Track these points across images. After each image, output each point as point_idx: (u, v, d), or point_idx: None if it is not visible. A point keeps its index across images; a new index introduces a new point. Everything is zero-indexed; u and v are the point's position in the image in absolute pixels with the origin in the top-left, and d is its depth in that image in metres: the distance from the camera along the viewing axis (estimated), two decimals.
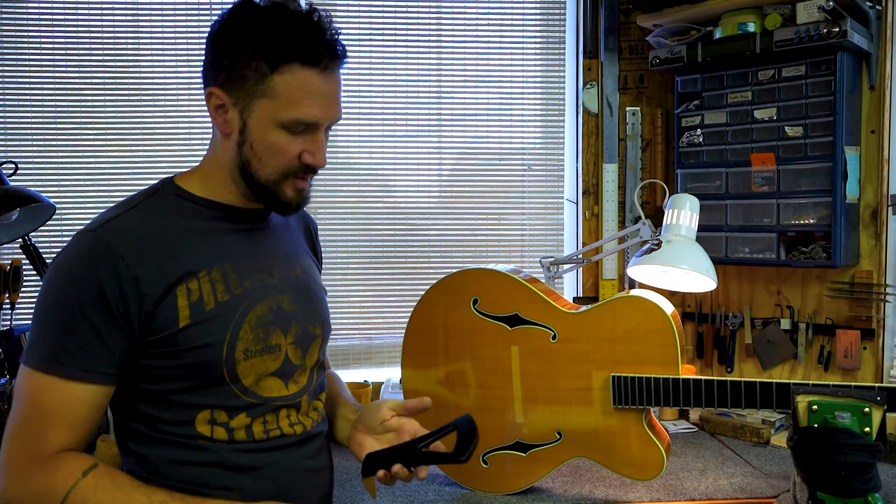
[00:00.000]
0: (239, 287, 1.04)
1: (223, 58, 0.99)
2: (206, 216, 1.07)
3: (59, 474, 0.94)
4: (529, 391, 1.50)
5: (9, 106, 2.16)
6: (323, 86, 1.00)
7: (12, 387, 1.72)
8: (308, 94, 0.99)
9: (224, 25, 1.00)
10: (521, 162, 2.32)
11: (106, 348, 0.96)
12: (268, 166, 1.03)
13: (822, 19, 1.71)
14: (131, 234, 0.99)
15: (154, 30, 2.18)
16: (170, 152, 2.20)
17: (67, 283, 0.96)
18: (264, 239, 1.13)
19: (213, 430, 1.02)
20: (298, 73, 0.98)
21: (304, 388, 1.12)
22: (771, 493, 1.51)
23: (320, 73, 0.99)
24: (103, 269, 0.95)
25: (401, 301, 2.25)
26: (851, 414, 1.19)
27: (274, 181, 1.04)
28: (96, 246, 0.97)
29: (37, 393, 0.95)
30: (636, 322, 1.42)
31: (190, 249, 1.02)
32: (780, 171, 1.86)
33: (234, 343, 1.02)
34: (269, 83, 0.98)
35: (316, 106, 1.00)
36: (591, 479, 1.59)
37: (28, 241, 1.95)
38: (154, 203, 1.05)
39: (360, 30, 2.25)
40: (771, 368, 2.05)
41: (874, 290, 1.88)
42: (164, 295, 0.98)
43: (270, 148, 1.01)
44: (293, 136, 1.02)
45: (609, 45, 2.23)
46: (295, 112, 0.99)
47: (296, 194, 1.06)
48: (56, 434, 0.95)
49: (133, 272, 0.96)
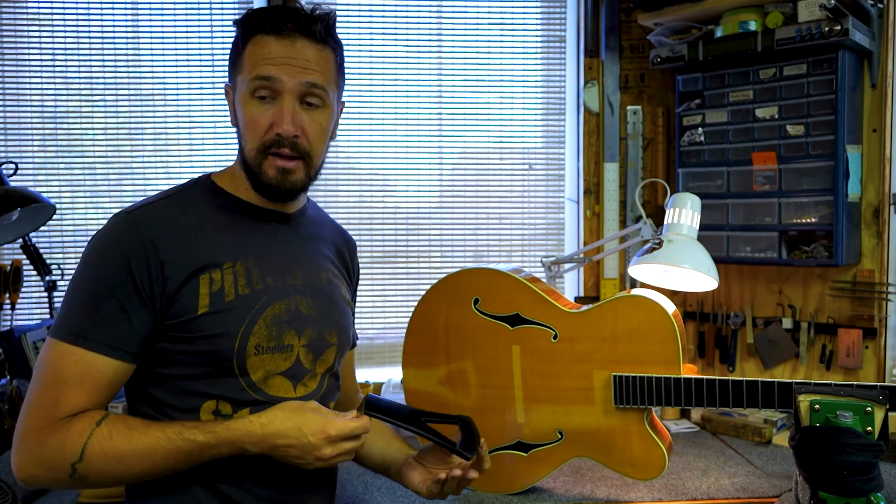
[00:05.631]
0: (260, 283, 1.07)
1: (229, 58, 1.09)
2: (233, 212, 1.11)
3: (73, 430, 0.96)
4: (530, 391, 1.49)
5: (9, 106, 2.16)
6: (282, 49, 1.03)
7: (13, 387, 1.72)
8: (266, 55, 1.03)
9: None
10: (522, 161, 2.32)
11: (130, 327, 0.99)
12: (248, 142, 1.06)
13: (824, 17, 1.71)
14: (163, 221, 1.03)
15: (154, 30, 2.18)
16: (170, 152, 2.20)
17: (99, 261, 1.00)
18: (291, 241, 1.16)
19: None
20: (260, 40, 1.04)
21: (312, 392, 1.12)
22: (773, 492, 1.51)
23: (279, 38, 1.03)
24: (133, 250, 0.99)
25: (402, 301, 2.25)
26: (853, 413, 1.18)
27: (255, 160, 1.06)
28: (129, 227, 1.01)
29: (60, 361, 0.98)
30: (637, 321, 1.41)
31: (216, 241, 1.06)
32: (781, 169, 1.86)
33: (248, 337, 1.04)
34: (242, 58, 1.06)
35: (273, 65, 1.03)
36: (592, 479, 1.58)
37: (28, 242, 1.95)
38: (188, 195, 1.10)
39: (360, 29, 2.24)
40: (773, 368, 2.04)
41: (876, 289, 1.88)
42: (186, 281, 1.01)
43: (247, 120, 1.06)
44: (263, 105, 1.04)
45: (610, 43, 2.23)
46: (252, 72, 1.04)
47: (277, 173, 1.07)
48: (72, 399, 0.97)
49: (160, 255, 1.00)
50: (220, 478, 1.04)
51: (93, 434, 0.95)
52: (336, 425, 0.98)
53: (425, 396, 1.57)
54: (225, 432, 0.98)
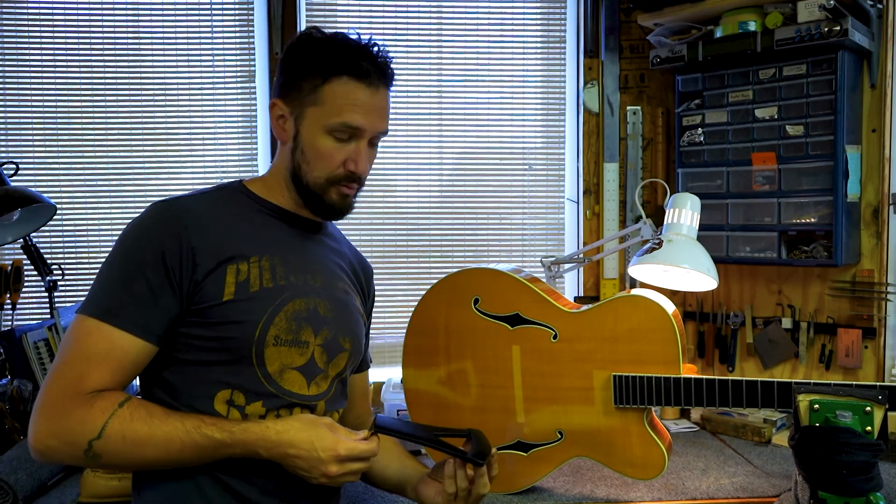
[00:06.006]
0: (284, 279, 1.12)
1: (286, 74, 1.13)
2: (263, 213, 1.17)
3: (96, 407, 0.98)
4: (530, 391, 1.50)
5: (9, 106, 2.16)
6: (368, 98, 1.11)
7: (13, 387, 1.72)
8: (353, 102, 1.10)
9: (291, 48, 1.14)
10: (521, 161, 2.32)
11: (158, 309, 1.02)
12: (315, 170, 1.13)
13: (823, 18, 1.71)
14: (197, 212, 1.09)
15: (154, 30, 2.18)
16: (170, 152, 2.20)
17: (134, 242, 1.05)
18: (314, 248, 1.22)
19: (229, 411, 1.06)
20: (346, 84, 1.10)
21: (322, 393, 1.15)
22: (772, 492, 1.51)
23: (366, 86, 1.10)
24: (167, 234, 1.04)
25: (401, 301, 2.25)
26: (853, 413, 1.18)
27: (320, 185, 1.14)
28: (165, 214, 1.07)
29: (86, 336, 1.01)
30: (637, 321, 1.42)
31: (245, 236, 1.11)
32: (781, 170, 1.86)
33: (268, 328, 1.07)
34: (320, 92, 1.10)
35: (359, 114, 1.10)
36: (592, 479, 1.58)
37: (29, 242, 1.95)
38: (221, 194, 1.16)
39: (360, 29, 2.24)
40: (772, 368, 2.05)
41: (875, 289, 1.88)
42: (214, 269, 1.05)
43: (318, 153, 1.12)
44: (339, 144, 1.12)
45: (610, 44, 2.23)
46: (339, 117, 1.10)
47: (340, 199, 1.16)
48: (97, 376, 0.99)
49: (192, 242, 1.04)
50: (226, 470, 1.05)
51: (115, 414, 0.98)
52: (347, 445, 1.02)
53: (425, 396, 1.57)
54: (242, 433, 1.01)
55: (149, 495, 1.08)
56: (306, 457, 1.00)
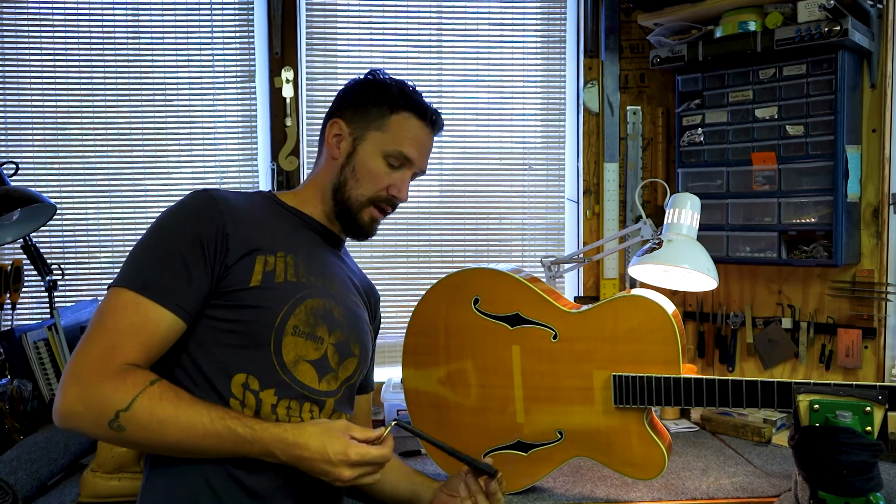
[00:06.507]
0: (305, 277, 1.17)
1: (353, 99, 1.25)
2: (293, 220, 1.25)
3: (128, 380, 1.00)
4: (530, 391, 1.50)
5: (9, 106, 2.16)
6: (424, 137, 1.26)
7: (13, 387, 1.72)
8: (413, 136, 1.24)
9: (361, 81, 1.27)
10: (521, 161, 2.32)
11: (191, 286, 1.07)
12: (361, 187, 1.23)
13: (823, 18, 1.71)
14: (234, 204, 1.15)
15: (154, 30, 2.18)
16: (170, 152, 2.20)
17: (173, 222, 1.11)
18: (334, 259, 1.28)
19: (244, 395, 1.09)
20: (410, 119, 1.24)
21: (332, 391, 1.18)
22: (772, 492, 1.51)
23: (426, 126, 1.26)
24: (206, 218, 1.10)
25: (401, 301, 2.25)
26: (853, 413, 1.18)
27: (361, 203, 1.24)
28: (206, 199, 1.13)
29: (122, 309, 1.04)
30: (637, 321, 1.42)
31: (275, 234, 1.18)
32: (781, 169, 1.86)
33: (288, 317, 1.12)
34: (387, 120, 1.23)
35: (415, 147, 1.24)
36: (592, 479, 1.58)
37: (29, 242, 1.95)
38: (255, 197, 1.24)
39: (360, 29, 2.25)
40: (772, 368, 2.05)
41: (875, 289, 1.88)
42: (243, 256, 1.11)
43: (370, 172, 1.23)
44: (389, 169, 1.24)
45: (610, 44, 2.23)
46: (398, 146, 1.23)
47: (370, 221, 1.26)
48: (129, 349, 1.02)
49: (227, 229, 1.10)
50: (237, 463, 1.07)
51: (145, 390, 1.00)
52: (358, 450, 1.04)
53: (425, 396, 1.57)
54: (262, 431, 1.03)
55: (157, 480, 1.10)
56: (319, 460, 1.03)
